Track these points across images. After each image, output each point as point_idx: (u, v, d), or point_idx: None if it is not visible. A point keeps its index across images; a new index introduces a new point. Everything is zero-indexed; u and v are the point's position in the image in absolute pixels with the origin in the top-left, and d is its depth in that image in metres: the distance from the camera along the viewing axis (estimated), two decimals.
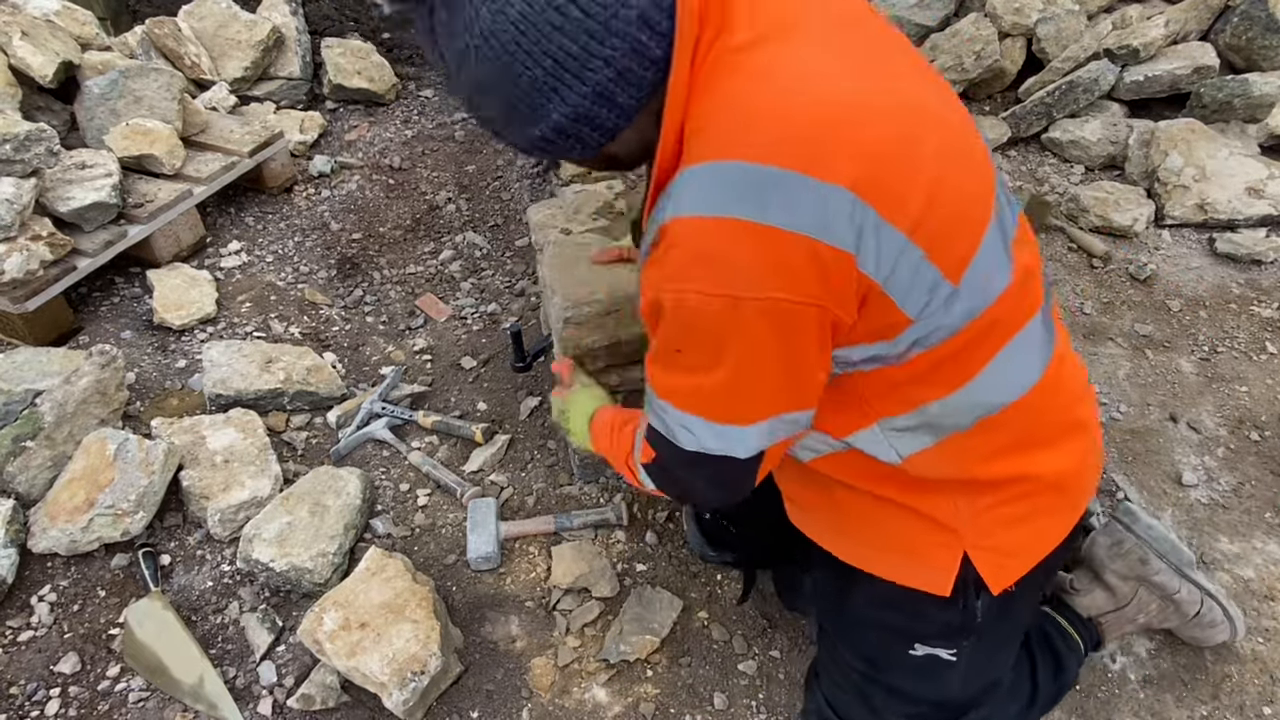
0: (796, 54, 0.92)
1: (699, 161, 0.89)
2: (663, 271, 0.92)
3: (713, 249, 0.88)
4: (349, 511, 1.88)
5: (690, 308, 0.91)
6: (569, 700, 1.65)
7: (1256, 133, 2.87)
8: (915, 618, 1.23)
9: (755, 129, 0.87)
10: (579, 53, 0.86)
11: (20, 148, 2.29)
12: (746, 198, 0.86)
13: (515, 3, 0.84)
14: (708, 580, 1.83)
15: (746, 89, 0.89)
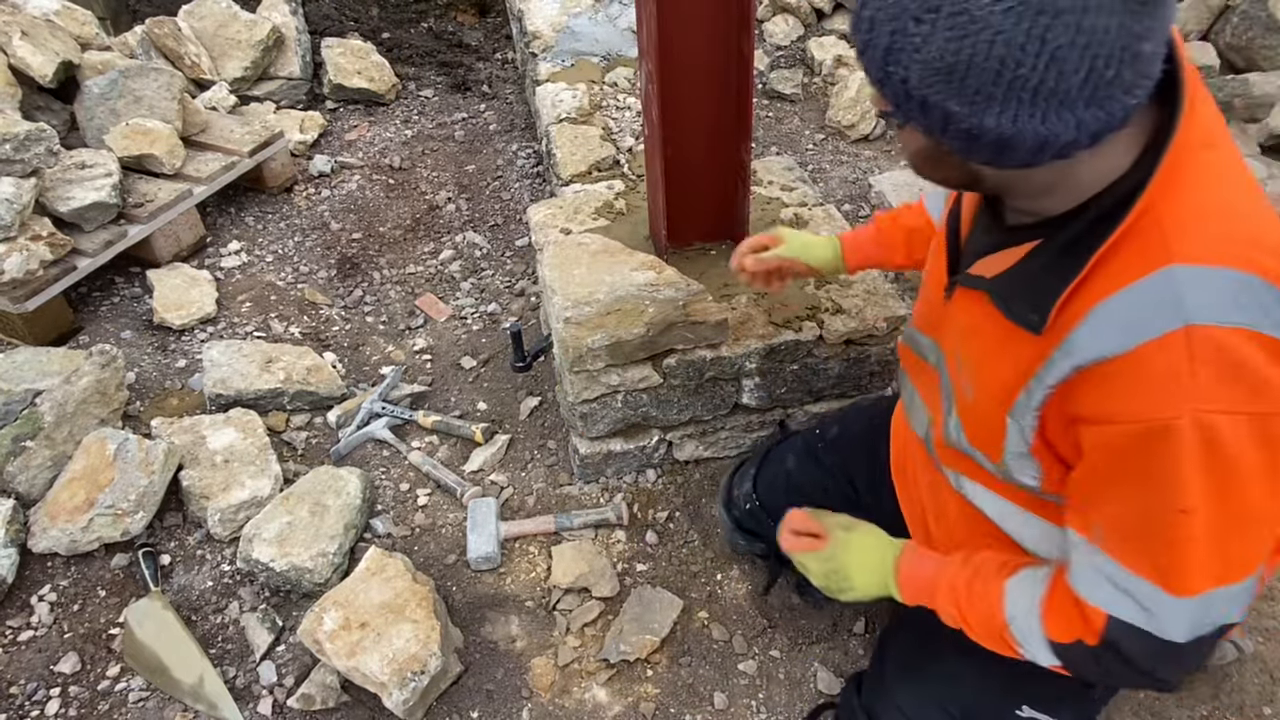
0: (1240, 163, 0.87)
1: (1194, 262, 0.80)
2: (1174, 389, 0.79)
3: (1249, 363, 0.78)
4: (349, 511, 1.88)
5: (1220, 434, 0.79)
6: (569, 700, 1.65)
7: (1256, 133, 2.87)
8: (1036, 679, 1.10)
9: (1255, 240, 0.81)
10: (1069, 99, 0.74)
11: (20, 147, 2.29)
12: (1272, 311, 0.78)
13: (1094, 15, 0.71)
14: (708, 580, 1.83)
15: (1229, 199, 0.83)
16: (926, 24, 0.74)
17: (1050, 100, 0.74)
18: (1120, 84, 0.74)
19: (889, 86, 0.81)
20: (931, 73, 0.76)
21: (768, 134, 3.32)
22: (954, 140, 0.81)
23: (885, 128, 3.27)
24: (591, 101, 2.76)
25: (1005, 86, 0.74)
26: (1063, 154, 0.79)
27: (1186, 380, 0.78)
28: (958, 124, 0.79)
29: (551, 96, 2.80)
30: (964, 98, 0.76)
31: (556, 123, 2.67)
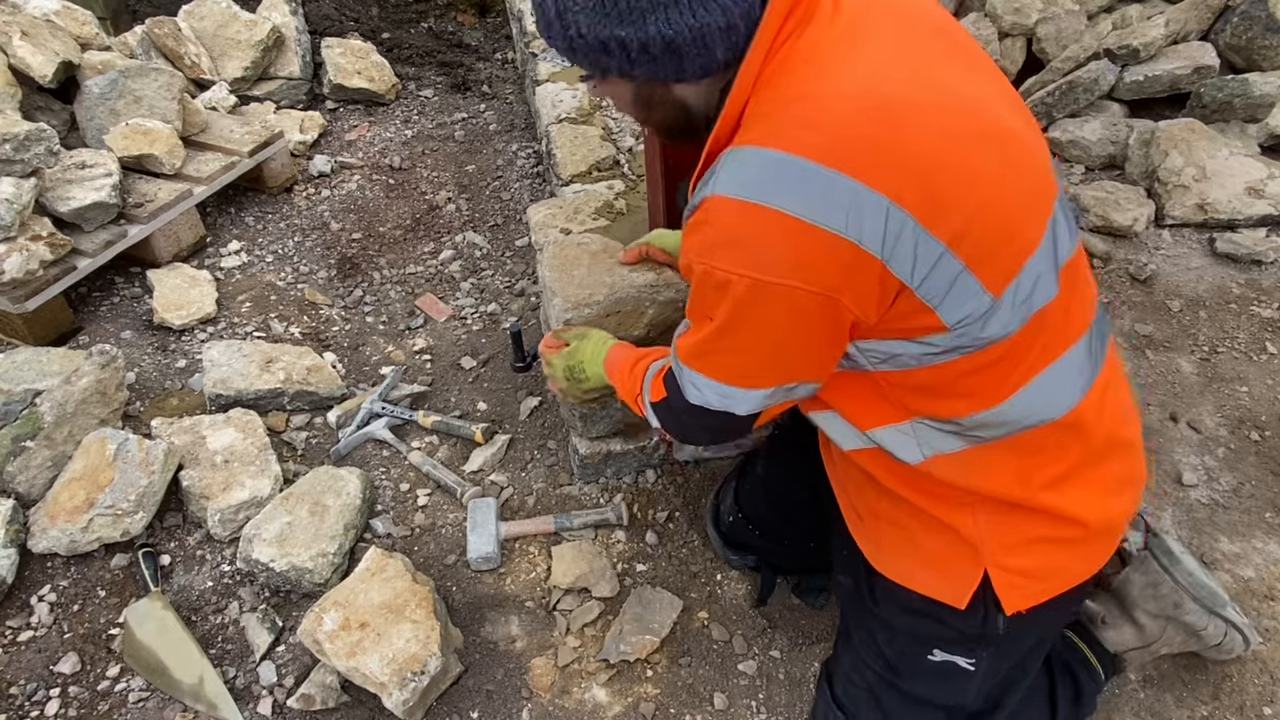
0: (867, 55, 0.95)
1: (751, 144, 0.94)
2: (698, 243, 0.98)
3: (745, 233, 0.93)
4: (349, 511, 1.88)
5: (716, 281, 0.96)
6: (569, 700, 1.64)
7: (1256, 133, 2.87)
8: (937, 624, 1.24)
9: (813, 127, 0.91)
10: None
11: (20, 148, 2.29)
12: (787, 190, 0.90)
13: None
14: (708, 580, 1.83)
15: (814, 85, 0.93)
16: None
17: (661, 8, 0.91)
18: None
19: (579, 50, 0.98)
20: (591, 14, 0.93)
21: None
22: (641, 65, 0.96)
23: None
24: (591, 101, 2.76)
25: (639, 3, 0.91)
26: (727, 44, 0.94)
27: (703, 237, 0.97)
28: (632, 47, 0.94)
29: (551, 96, 2.80)
30: (625, 21, 0.92)
31: (556, 123, 2.66)
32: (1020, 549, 1.16)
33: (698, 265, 0.98)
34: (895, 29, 0.99)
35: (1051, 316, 1.04)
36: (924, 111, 0.92)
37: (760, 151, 0.92)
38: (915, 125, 0.91)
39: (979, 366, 1.03)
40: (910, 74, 0.95)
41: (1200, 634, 1.53)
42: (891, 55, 0.96)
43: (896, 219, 0.90)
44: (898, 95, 0.92)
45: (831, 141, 0.90)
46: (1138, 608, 1.55)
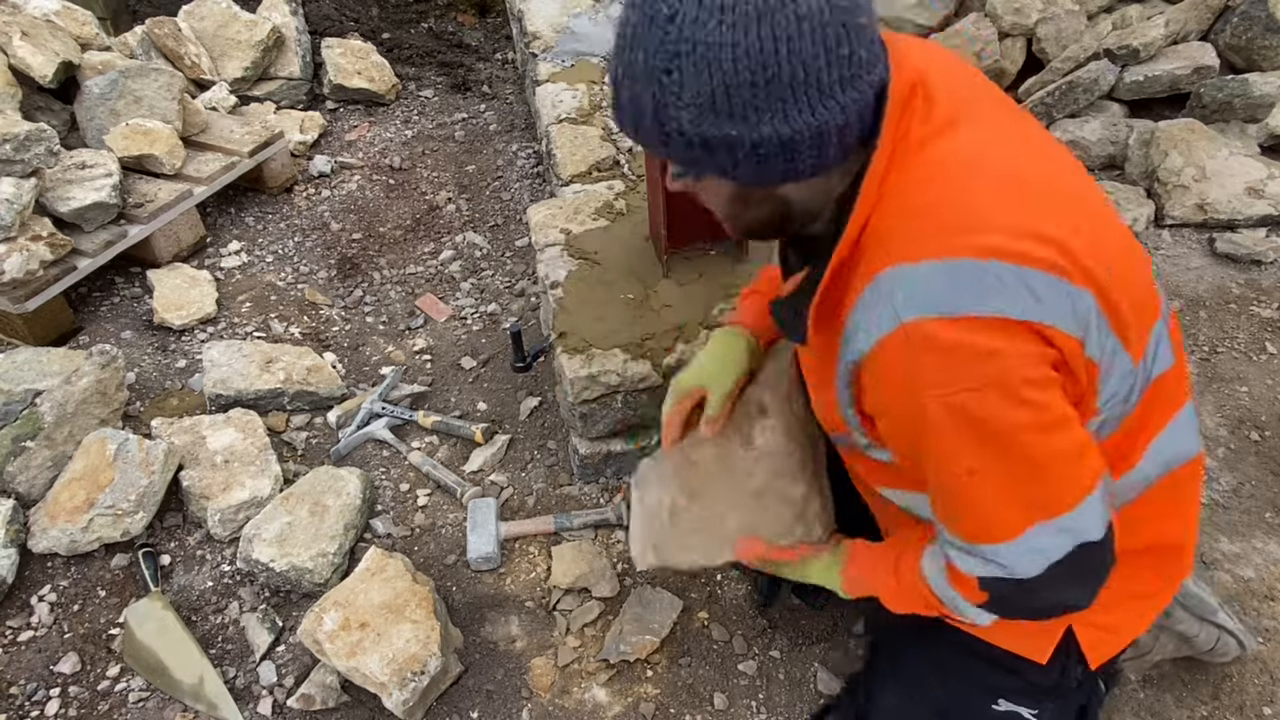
0: (977, 139, 0.92)
1: (908, 260, 0.86)
2: (914, 381, 0.87)
3: (963, 343, 0.84)
4: (349, 511, 1.88)
5: (968, 410, 0.86)
6: (569, 700, 1.65)
7: (1256, 133, 2.87)
8: (1008, 674, 1.18)
9: (971, 221, 0.86)
10: (828, 85, 0.82)
11: (20, 148, 2.29)
12: (983, 294, 0.84)
13: (811, 3, 0.79)
14: (708, 580, 1.83)
15: (946, 182, 0.89)
16: (675, 70, 0.81)
17: (809, 90, 0.81)
18: (857, 60, 0.82)
19: (673, 146, 0.87)
20: (699, 110, 0.83)
21: None
22: (748, 165, 0.86)
23: None
24: (591, 101, 2.76)
25: (765, 92, 0.80)
26: (842, 144, 0.86)
27: (916, 372, 0.86)
28: (742, 147, 0.84)
29: (551, 97, 2.80)
30: (736, 118, 0.82)
31: (556, 123, 2.67)
32: (1111, 606, 1.13)
33: (933, 403, 0.86)
34: (980, 108, 0.96)
35: (1170, 376, 1.03)
36: (1053, 188, 0.91)
37: (934, 265, 0.85)
38: (1055, 204, 0.89)
39: (1116, 439, 1.01)
40: (1023, 150, 0.94)
41: (1192, 640, 1.54)
42: (995, 135, 0.94)
43: (1084, 300, 0.87)
44: (1028, 175, 0.90)
45: (1007, 231, 0.86)
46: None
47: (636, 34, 0.83)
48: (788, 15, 0.78)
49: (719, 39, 0.79)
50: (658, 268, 1.98)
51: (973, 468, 0.90)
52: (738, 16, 0.78)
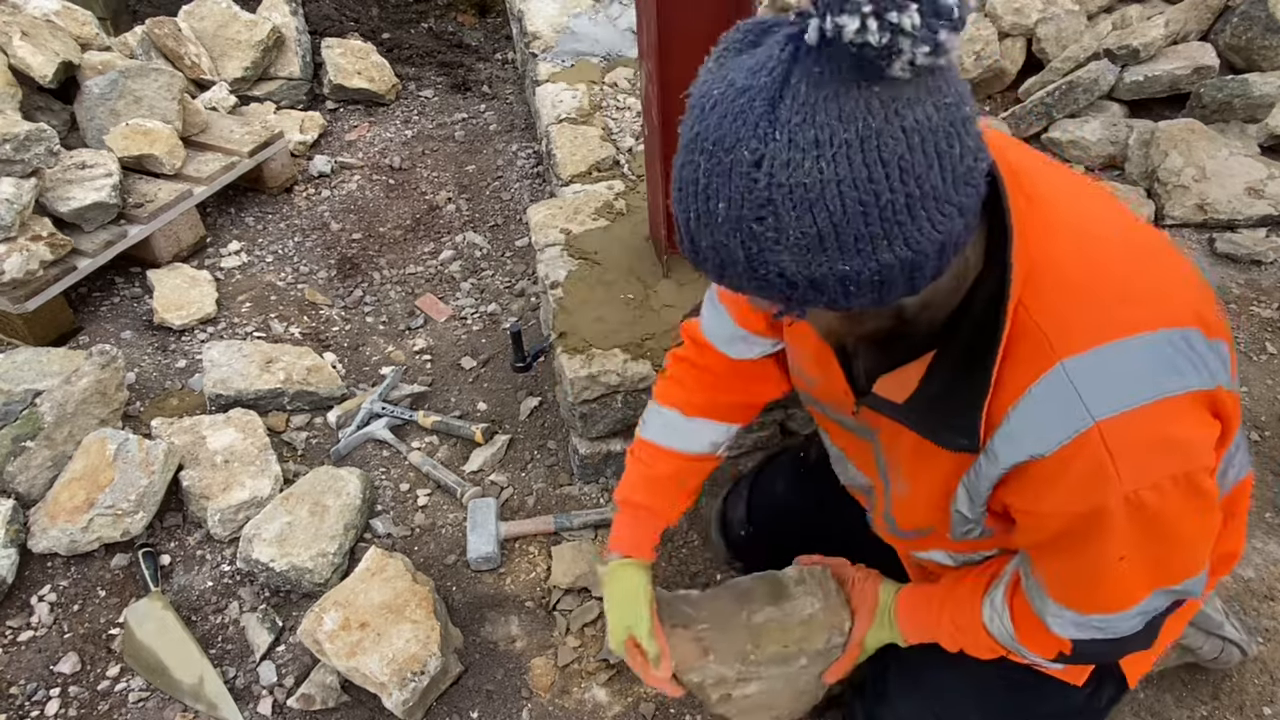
0: (1080, 203, 0.90)
1: (1077, 350, 0.82)
2: (1102, 482, 0.82)
3: (1157, 435, 0.82)
4: (349, 511, 1.88)
5: (1146, 505, 0.83)
6: (569, 700, 1.65)
7: (1256, 133, 2.87)
8: (1042, 698, 1.18)
9: (1118, 299, 0.84)
10: (942, 193, 0.70)
11: (20, 148, 2.29)
12: (1163, 372, 0.82)
13: (916, 111, 0.67)
14: (708, 580, 1.83)
15: (1076, 258, 0.85)
16: (769, 217, 0.69)
17: (926, 205, 0.70)
18: (968, 153, 0.71)
19: (771, 290, 0.75)
20: (804, 252, 0.70)
21: None
22: (864, 294, 0.74)
23: None
24: (591, 102, 2.76)
25: (880, 221, 0.69)
26: (961, 242, 0.75)
27: (1111, 473, 0.81)
28: (858, 280, 0.72)
29: (551, 97, 2.80)
30: (849, 253, 0.70)
31: (556, 123, 2.67)
32: None
33: (1114, 501, 0.83)
34: (1042, 172, 0.93)
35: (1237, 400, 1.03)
36: (1139, 238, 0.90)
37: (1105, 351, 0.82)
38: (1155, 253, 0.89)
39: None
40: (1101, 207, 0.92)
41: (1196, 651, 1.54)
42: (1071, 192, 0.92)
43: (1220, 351, 0.86)
44: (1121, 230, 0.89)
45: (1149, 301, 0.84)
46: None
47: (712, 183, 0.71)
48: (895, 131, 0.67)
49: (819, 177, 0.67)
50: (658, 268, 1.98)
51: (1125, 554, 0.87)
52: (837, 147, 0.66)
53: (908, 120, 0.67)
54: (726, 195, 0.70)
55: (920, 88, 0.67)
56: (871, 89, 0.66)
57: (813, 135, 0.66)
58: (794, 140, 0.66)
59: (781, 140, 0.67)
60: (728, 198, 0.70)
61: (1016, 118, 3.08)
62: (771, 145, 0.67)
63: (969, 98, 0.72)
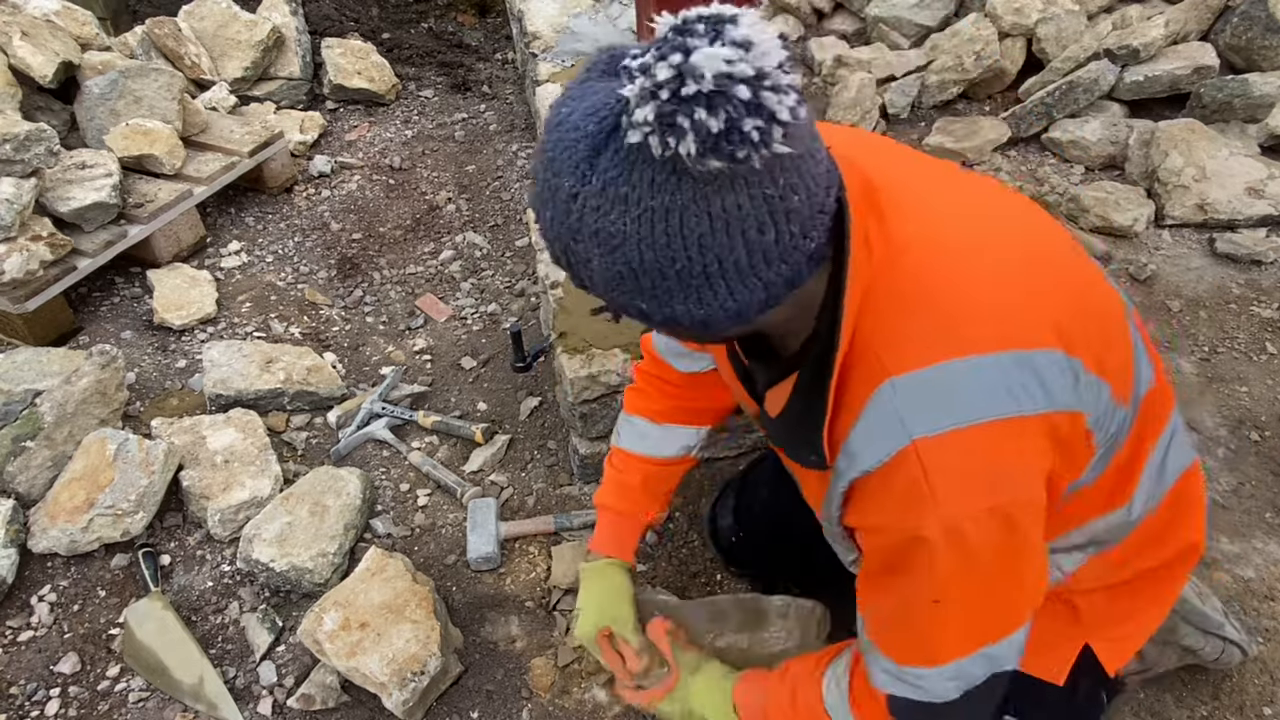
0: (944, 217, 0.89)
1: (907, 369, 0.82)
2: (918, 505, 0.82)
3: (975, 463, 0.81)
4: (349, 511, 1.88)
5: (966, 538, 0.81)
6: (569, 700, 1.64)
7: (1256, 133, 2.87)
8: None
9: (955, 318, 0.83)
10: (746, 269, 0.74)
11: (20, 148, 2.29)
12: (988, 397, 0.81)
13: (728, 197, 0.70)
14: (708, 580, 1.83)
15: (919, 281, 0.85)
16: (582, 243, 0.75)
17: (725, 278, 0.74)
18: (787, 239, 0.74)
19: (594, 293, 0.82)
20: (609, 281, 0.77)
21: None
22: (663, 329, 0.82)
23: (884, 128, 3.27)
24: None
25: (676, 281, 0.74)
26: (767, 306, 0.78)
27: (926, 494, 0.81)
28: (657, 319, 0.79)
29: (551, 96, 2.80)
30: (647, 297, 0.76)
31: None
32: (1127, 618, 1.14)
33: (931, 530, 0.82)
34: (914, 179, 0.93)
35: (1155, 394, 1.01)
36: (1017, 248, 0.89)
37: (933, 372, 0.82)
38: (1025, 265, 0.88)
39: (1110, 472, 0.99)
40: (973, 212, 0.92)
41: (1197, 652, 1.54)
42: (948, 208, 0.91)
43: (1075, 368, 0.85)
44: (990, 243, 0.88)
45: (993, 321, 0.83)
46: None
47: (544, 194, 0.77)
48: (700, 213, 0.70)
49: (621, 230, 0.72)
50: None
51: (939, 597, 0.86)
52: (641, 210, 0.71)
53: (714, 205, 0.70)
54: (552, 210, 0.76)
55: (736, 180, 0.69)
56: (685, 171, 0.69)
57: (623, 192, 0.71)
58: (605, 190, 0.71)
59: (595, 186, 0.72)
60: (553, 212, 0.76)
61: (1016, 118, 3.08)
62: (587, 188, 0.72)
63: (814, 180, 0.74)
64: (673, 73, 0.65)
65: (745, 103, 0.65)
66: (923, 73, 3.29)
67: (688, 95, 0.65)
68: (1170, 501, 1.08)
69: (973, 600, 0.87)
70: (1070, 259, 0.94)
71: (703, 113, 0.65)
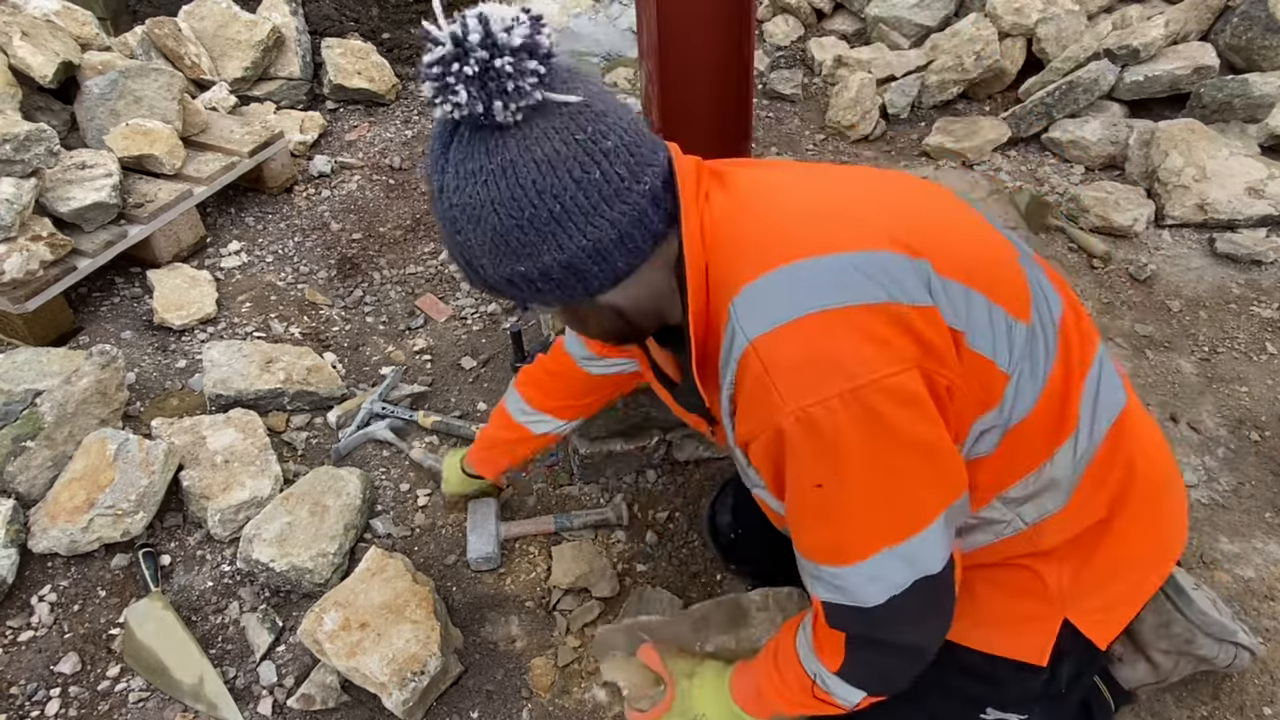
0: (777, 174, 1.02)
1: (744, 284, 0.91)
2: (768, 401, 0.87)
3: (809, 351, 0.87)
4: (349, 512, 1.88)
5: (818, 424, 0.86)
6: (569, 700, 1.65)
7: (1256, 133, 2.87)
8: (999, 684, 1.17)
9: (786, 234, 0.92)
10: (588, 208, 0.88)
11: (20, 148, 2.29)
12: (815, 290, 0.88)
13: (545, 145, 0.86)
14: (708, 580, 1.83)
15: (754, 212, 0.95)
16: (460, 230, 0.91)
17: (572, 218, 0.87)
18: (616, 178, 0.88)
19: (494, 288, 0.96)
20: (491, 256, 0.91)
21: (768, 134, 3.32)
22: (550, 291, 0.93)
23: (884, 128, 3.28)
24: None
25: (533, 230, 0.88)
26: (628, 250, 0.91)
27: (771, 387, 0.87)
28: (537, 278, 0.91)
29: None
30: (521, 256, 0.90)
31: None
32: (1100, 585, 1.12)
33: (786, 421, 0.86)
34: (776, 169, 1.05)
35: (1068, 324, 1.04)
36: (866, 194, 0.99)
37: (764, 279, 0.90)
38: (871, 200, 0.98)
39: (1043, 407, 1.00)
40: (810, 177, 1.03)
41: (1211, 660, 1.54)
42: (789, 169, 1.03)
43: (921, 269, 0.91)
44: (838, 193, 0.98)
45: (822, 233, 0.92)
46: (1151, 647, 1.53)
47: (433, 208, 0.94)
48: (528, 162, 0.85)
49: (476, 198, 0.87)
50: None
51: (820, 481, 0.90)
52: (486, 174, 0.86)
53: (537, 153, 0.86)
54: (438, 214, 0.93)
55: (548, 128, 0.86)
56: (507, 131, 0.86)
57: (470, 167, 0.87)
58: (458, 171, 0.88)
59: (451, 173, 0.89)
60: (438, 218, 0.93)
61: (1016, 118, 3.08)
62: (444, 177, 0.90)
63: (618, 130, 0.89)
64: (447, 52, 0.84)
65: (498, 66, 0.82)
66: (923, 73, 3.29)
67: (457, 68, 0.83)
68: (1112, 438, 1.07)
69: (855, 490, 0.90)
70: (943, 206, 1.02)
71: (469, 70, 0.82)
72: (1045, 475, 1.04)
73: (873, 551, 0.92)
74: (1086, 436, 1.04)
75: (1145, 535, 1.14)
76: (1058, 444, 1.02)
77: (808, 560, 0.99)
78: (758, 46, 3.76)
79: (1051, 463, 1.03)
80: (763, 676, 1.16)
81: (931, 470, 0.91)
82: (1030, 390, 0.98)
